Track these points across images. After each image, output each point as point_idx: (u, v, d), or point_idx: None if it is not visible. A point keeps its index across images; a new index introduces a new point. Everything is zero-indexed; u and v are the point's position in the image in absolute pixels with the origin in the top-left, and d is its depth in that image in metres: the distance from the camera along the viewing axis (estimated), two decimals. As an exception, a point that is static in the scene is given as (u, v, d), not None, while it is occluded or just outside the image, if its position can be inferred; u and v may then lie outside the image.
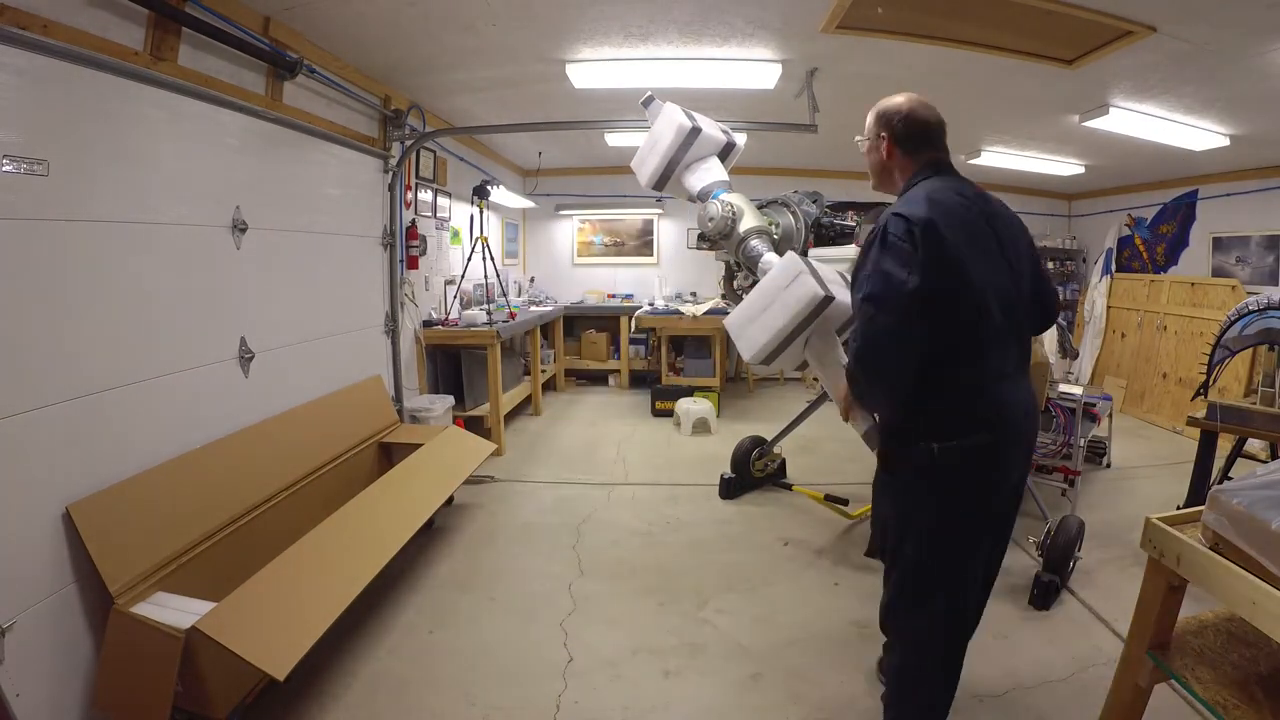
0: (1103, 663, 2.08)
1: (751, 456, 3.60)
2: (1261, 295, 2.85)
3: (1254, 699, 1.18)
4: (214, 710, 1.64)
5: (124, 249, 1.90)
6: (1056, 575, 2.47)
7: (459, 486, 3.03)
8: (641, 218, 6.79)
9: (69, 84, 1.73)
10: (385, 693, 1.97)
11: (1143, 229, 5.91)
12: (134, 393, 1.92)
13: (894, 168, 1.55)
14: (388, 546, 2.20)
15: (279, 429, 2.53)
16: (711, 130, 2.18)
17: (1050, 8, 2.31)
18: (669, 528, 3.18)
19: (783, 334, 1.68)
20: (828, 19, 2.50)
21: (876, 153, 1.57)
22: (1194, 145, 4.05)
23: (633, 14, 2.57)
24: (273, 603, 1.74)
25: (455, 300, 4.47)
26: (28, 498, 1.59)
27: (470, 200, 4.41)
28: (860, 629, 2.31)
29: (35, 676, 1.56)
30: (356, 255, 3.32)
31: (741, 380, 6.49)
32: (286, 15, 2.48)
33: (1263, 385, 2.80)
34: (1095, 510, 3.29)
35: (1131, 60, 2.76)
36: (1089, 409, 3.55)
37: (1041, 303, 1.57)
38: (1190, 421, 2.86)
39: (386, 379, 3.54)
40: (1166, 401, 5.22)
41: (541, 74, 3.27)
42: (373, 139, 3.46)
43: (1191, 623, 1.42)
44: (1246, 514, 1.14)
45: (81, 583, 1.69)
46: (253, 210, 2.43)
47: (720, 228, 1.98)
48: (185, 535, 1.95)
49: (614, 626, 2.32)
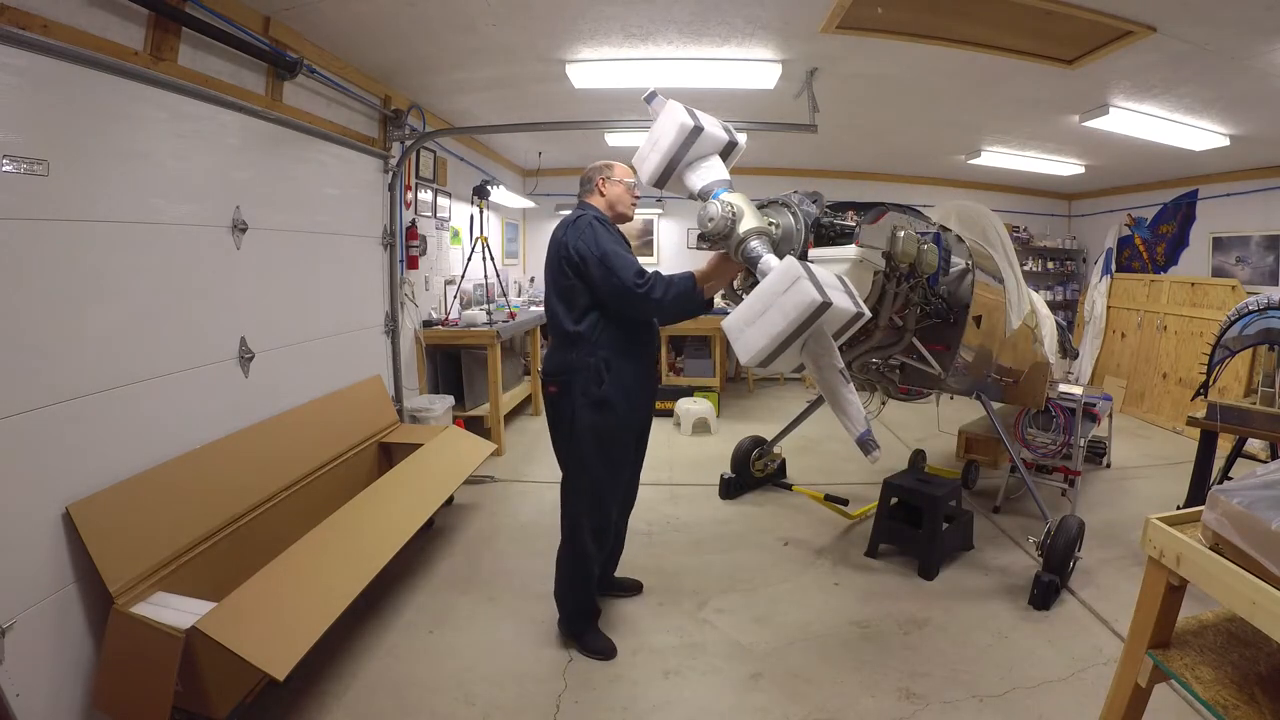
0: (1103, 663, 2.08)
1: (751, 456, 3.60)
2: (1261, 295, 2.85)
3: (1254, 699, 1.18)
4: (214, 710, 1.63)
5: (124, 249, 1.90)
6: (1056, 575, 2.47)
7: (459, 486, 3.03)
8: (641, 218, 6.79)
9: (69, 84, 1.73)
10: (385, 693, 1.97)
11: (1143, 229, 5.91)
12: (134, 393, 1.92)
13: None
14: (388, 546, 2.20)
15: (279, 429, 2.53)
16: (714, 129, 2.18)
17: (1050, 8, 2.31)
18: (669, 528, 3.17)
19: (780, 338, 1.69)
20: (828, 19, 2.50)
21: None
22: (1194, 145, 4.05)
23: (633, 14, 2.57)
24: (273, 603, 1.74)
25: (455, 300, 4.47)
26: (28, 498, 1.59)
27: (470, 200, 4.41)
28: (860, 629, 2.31)
29: (35, 676, 1.56)
30: (356, 255, 3.32)
31: (741, 380, 6.50)
32: (286, 15, 2.48)
33: (1263, 385, 2.80)
34: (1095, 510, 3.29)
35: (1131, 60, 2.76)
36: (1089, 409, 3.56)
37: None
38: (1190, 421, 2.85)
39: (386, 379, 3.54)
40: (1166, 401, 5.22)
41: (541, 74, 3.27)
42: (373, 139, 3.46)
43: (1191, 623, 1.42)
44: (1246, 514, 1.13)
45: (81, 583, 1.68)
46: (253, 210, 2.43)
47: (720, 228, 1.98)
48: (185, 535, 1.95)
49: (614, 626, 2.32)
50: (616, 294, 1.96)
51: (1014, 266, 2.89)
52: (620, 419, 2.08)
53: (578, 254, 1.98)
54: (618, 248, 2.02)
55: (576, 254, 1.98)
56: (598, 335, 2.03)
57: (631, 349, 2.09)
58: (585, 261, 1.97)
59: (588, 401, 2.03)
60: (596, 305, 2.02)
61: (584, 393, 2.03)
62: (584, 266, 1.98)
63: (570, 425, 2.07)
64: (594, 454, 2.07)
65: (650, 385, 2.28)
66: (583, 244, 1.98)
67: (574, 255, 1.98)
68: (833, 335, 1.87)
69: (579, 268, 1.99)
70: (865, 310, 1.76)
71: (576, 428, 2.05)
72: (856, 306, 1.81)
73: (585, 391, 2.03)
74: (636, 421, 2.20)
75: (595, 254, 1.96)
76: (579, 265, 1.98)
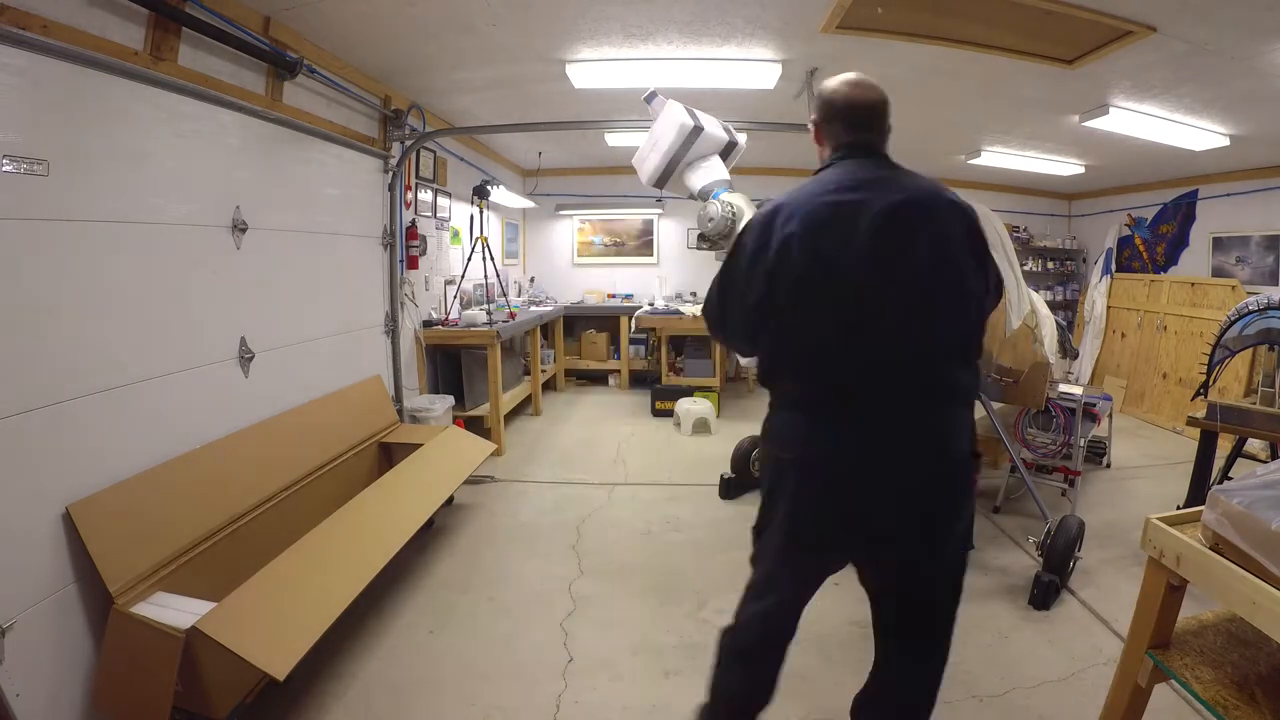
0: (1103, 663, 2.08)
1: (751, 456, 3.60)
2: (1261, 295, 2.85)
3: (1254, 699, 1.18)
4: (214, 710, 1.63)
5: (123, 249, 1.90)
6: (1056, 575, 2.47)
7: (459, 486, 3.03)
8: (641, 218, 6.79)
9: (69, 84, 1.73)
10: (385, 693, 1.97)
11: (1143, 229, 5.91)
12: (134, 393, 1.92)
13: (820, 152, 1.45)
14: (388, 546, 2.20)
15: (279, 429, 2.53)
16: (713, 129, 2.19)
17: (1050, 8, 2.31)
18: (669, 528, 3.17)
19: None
20: (827, 19, 2.50)
21: (814, 137, 1.48)
22: (1194, 145, 4.05)
23: (633, 14, 2.57)
24: (273, 603, 1.74)
25: (455, 300, 4.47)
26: (28, 498, 1.59)
27: (470, 200, 4.41)
28: (861, 629, 2.31)
29: (35, 676, 1.56)
30: (356, 255, 3.32)
31: (741, 380, 6.51)
32: (286, 15, 2.48)
33: (1263, 385, 2.80)
34: (1095, 510, 3.29)
35: (1131, 60, 2.76)
36: (1089, 409, 3.56)
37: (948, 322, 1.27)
38: (1190, 421, 2.85)
39: (386, 379, 3.54)
40: (1166, 401, 5.22)
41: (541, 74, 3.27)
42: (373, 139, 3.46)
43: (1191, 623, 1.42)
44: (1246, 514, 1.14)
45: (81, 583, 1.68)
46: (253, 210, 2.43)
47: (720, 228, 1.98)
48: (185, 535, 1.95)
49: (614, 626, 2.32)
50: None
51: (1014, 266, 2.88)
52: None
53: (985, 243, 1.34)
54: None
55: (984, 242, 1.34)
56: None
57: None
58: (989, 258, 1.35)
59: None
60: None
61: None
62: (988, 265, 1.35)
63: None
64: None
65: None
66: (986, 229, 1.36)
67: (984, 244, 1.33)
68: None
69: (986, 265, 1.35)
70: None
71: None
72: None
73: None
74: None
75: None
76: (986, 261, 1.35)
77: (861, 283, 1.22)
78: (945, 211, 1.28)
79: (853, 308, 1.23)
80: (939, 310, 1.25)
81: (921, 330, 1.24)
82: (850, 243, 1.22)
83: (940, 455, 1.26)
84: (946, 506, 1.28)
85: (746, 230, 1.35)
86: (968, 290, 1.29)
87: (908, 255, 1.23)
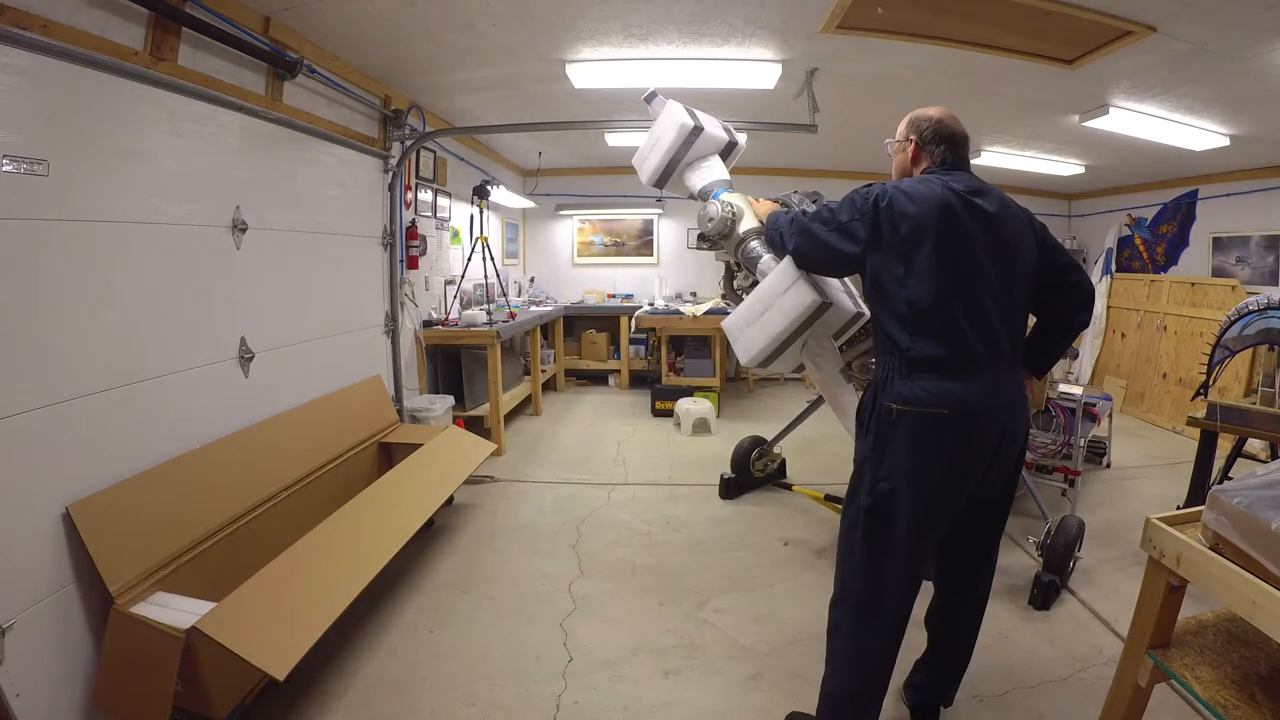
0: (1103, 663, 2.08)
1: (751, 456, 3.60)
2: (1261, 295, 2.85)
3: (1254, 699, 1.18)
4: (214, 710, 1.64)
5: (123, 249, 1.90)
6: (1056, 575, 2.47)
7: (459, 486, 3.03)
8: (641, 218, 6.79)
9: (69, 84, 1.73)
10: (385, 692, 1.97)
11: (1143, 229, 5.91)
12: (134, 393, 1.92)
13: (915, 169, 1.65)
14: (388, 546, 2.20)
15: (279, 429, 2.53)
16: (713, 129, 2.19)
17: (1050, 8, 2.31)
18: (669, 528, 3.18)
19: (780, 339, 1.72)
20: (828, 19, 2.50)
21: (903, 154, 1.67)
22: (1194, 145, 4.05)
23: (633, 14, 2.57)
24: (273, 603, 1.74)
25: (455, 300, 4.47)
26: (28, 498, 1.59)
27: (470, 200, 4.41)
28: (860, 629, 2.31)
29: (35, 676, 1.56)
30: (356, 255, 3.32)
31: (741, 380, 6.51)
32: (286, 15, 2.48)
33: (1263, 385, 2.79)
34: (1095, 510, 3.29)
35: (1131, 60, 2.76)
36: (1089, 409, 3.56)
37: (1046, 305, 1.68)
38: (1190, 421, 2.86)
39: (386, 379, 3.54)
40: (1166, 401, 5.22)
41: (541, 74, 3.27)
42: (373, 139, 3.46)
43: (1191, 623, 1.42)
44: (1246, 514, 1.14)
45: (81, 583, 1.68)
46: (253, 210, 2.43)
47: (720, 228, 1.99)
48: (185, 535, 1.95)
49: (614, 626, 2.32)
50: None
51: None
52: None
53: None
54: None
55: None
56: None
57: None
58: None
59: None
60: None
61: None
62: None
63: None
64: None
65: None
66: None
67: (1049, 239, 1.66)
68: (832, 335, 1.87)
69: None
70: (865, 309, 1.77)
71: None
72: (856, 306, 1.81)
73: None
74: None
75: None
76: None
77: (988, 272, 1.49)
78: (1026, 224, 1.59)
79: (984, 291, 1.48)
80: (1020, 300, 1.58)
81: (1015, 314, 1.56)
82: (981, 241, 1.48)
83: (1022, 401, 1.61)
84: (1023, 439, 1.63)
85: (897, 199, 1.47)
86: (1029, 284, 1.60)
87: (1010, 255, 1.53)
